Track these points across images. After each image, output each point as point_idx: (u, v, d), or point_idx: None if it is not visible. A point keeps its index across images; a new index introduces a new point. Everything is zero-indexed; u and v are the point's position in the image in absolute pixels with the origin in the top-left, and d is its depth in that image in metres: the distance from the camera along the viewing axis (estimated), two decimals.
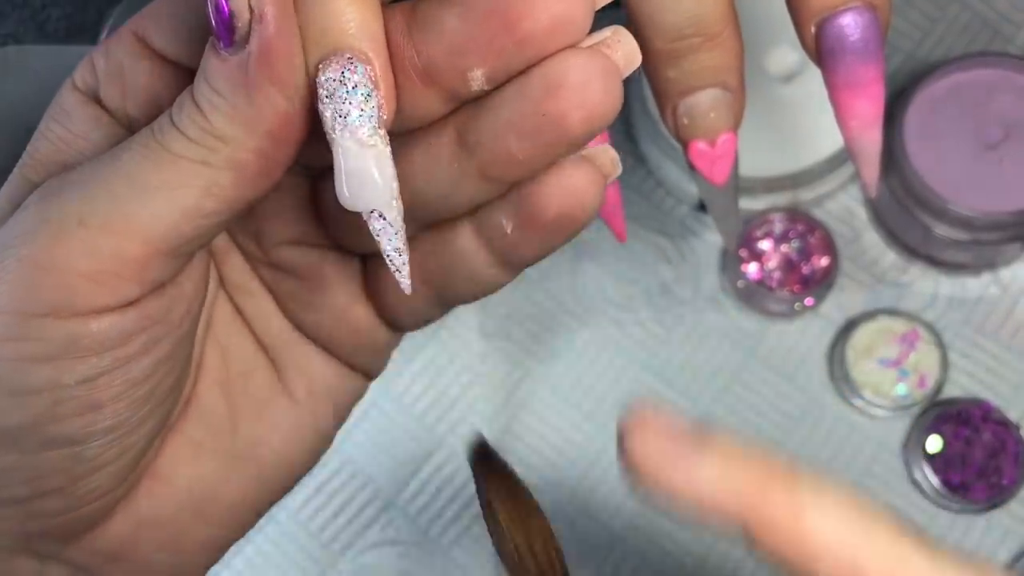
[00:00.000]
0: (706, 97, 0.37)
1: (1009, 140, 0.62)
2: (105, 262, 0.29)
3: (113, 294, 0.29)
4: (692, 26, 0.35)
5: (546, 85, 0.29)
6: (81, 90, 0.33)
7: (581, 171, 0.31)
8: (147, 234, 0.29)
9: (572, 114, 0.29)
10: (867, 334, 0.64)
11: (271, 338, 0.37)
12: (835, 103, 0.37)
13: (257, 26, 0.28)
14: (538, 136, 0.30)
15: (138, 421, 0.32)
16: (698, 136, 0.38)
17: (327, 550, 0.64)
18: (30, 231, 0.29)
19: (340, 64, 0.28)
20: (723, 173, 0.39)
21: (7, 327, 0.29)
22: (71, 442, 0.30)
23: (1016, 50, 0.69)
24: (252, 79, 0.28)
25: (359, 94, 0.29)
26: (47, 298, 0.29)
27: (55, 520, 0.32)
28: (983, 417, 0.62)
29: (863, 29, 0.35)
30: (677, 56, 0.36)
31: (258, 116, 0.29)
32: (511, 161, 0.30)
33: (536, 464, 0.64)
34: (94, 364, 0.30)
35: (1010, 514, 0.62)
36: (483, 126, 0.30)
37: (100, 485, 0.32)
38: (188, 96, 0.29)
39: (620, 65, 0.30)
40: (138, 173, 0.29)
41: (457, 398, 0.65)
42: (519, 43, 0.29)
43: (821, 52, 0.36)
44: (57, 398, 0.30)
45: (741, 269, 0.65)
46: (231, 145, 0.29)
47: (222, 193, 0.29)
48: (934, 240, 0.62)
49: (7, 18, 0.73)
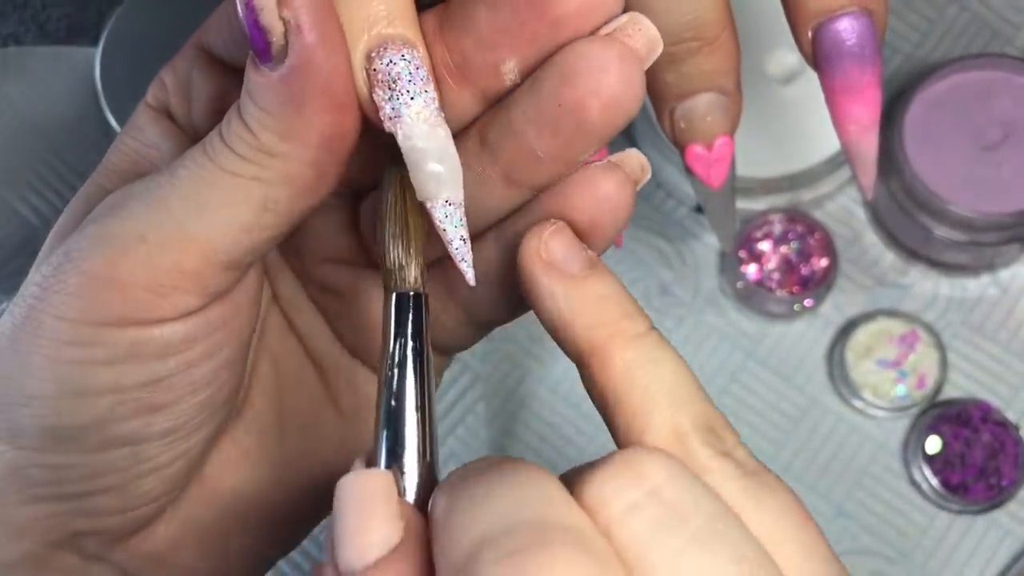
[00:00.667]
0: (703, 101, 0.37)
1: (1008, 141, 0.62)
2: (165, 276, 0.29)
3: (174, 305, 0.30)
4: (690, 30, 0.35)
5: (561, 74, 0.29)
6: (153, 106, 0.34)
7: (610, 177, 0.31)
8: (205, 249, 0.30)
9: (589, 102, 0.29)
10: (866, 335, 0.64)
11: (320, 352, 0.37)
12: (832, 107, 0.37)
13: (295, 38, 0.27)
14: (557, 129, 0.29)
15: (195, 426, 0.33)
16: (695, 140, 0.38)
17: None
18: (94, 246, 0.30)
19: (396, 50, 0.28)
20: (719, 177, 0.39)
21: (70, 334, 0.30)
22: (130, 442, 0.31)
23: (1015, 51, 0.69)
24: (296, 93, 0.28)
25: (420, 76, 0.29)
26: (110, 310, 0.29)
27: (107, 520, 0.32)
28: (982, 418, 0.62)
29: (859, 34, 0.35)
30: (674, 60, 0.36)
31: (310, 129, 0.28)
32: (532, 159, 0.30)
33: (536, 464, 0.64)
34: (156, 368, 0.31)
35: (1009, 515, 0.62)
36: (502, 122, 0.30)
37: (154, 487, 0.33)
38: (235, 113, 0.29)
39: (641, 52, 0.30)
40: (194, 191, 0.29)
41: (457, 399, 0.65)
42: (552, 26, 0.29)
43: (818, 57, 0.36)
44: (119, 400, 0.30)
45: (740, 270, 0.65)
46: (283, 160, 0.29)
47: (278, 207, 0.30)
48: (933, 241, 0.62)
49: (7, 18, 0.73)
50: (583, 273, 0.30)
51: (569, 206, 0.31)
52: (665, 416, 0.28)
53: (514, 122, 0.30)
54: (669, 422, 0.28)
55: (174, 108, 0.34)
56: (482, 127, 0.31)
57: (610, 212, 0.31)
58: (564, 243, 0.30)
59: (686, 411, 0.28)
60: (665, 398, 0.28)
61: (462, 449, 0.65)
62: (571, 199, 0.31)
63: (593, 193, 0.31)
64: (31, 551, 0.32)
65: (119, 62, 0.68)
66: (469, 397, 0.66)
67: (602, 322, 0.29)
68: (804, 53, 0.37)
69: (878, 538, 0.62)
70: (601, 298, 0.29)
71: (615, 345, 0.29)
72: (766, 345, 0.66)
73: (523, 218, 0.32)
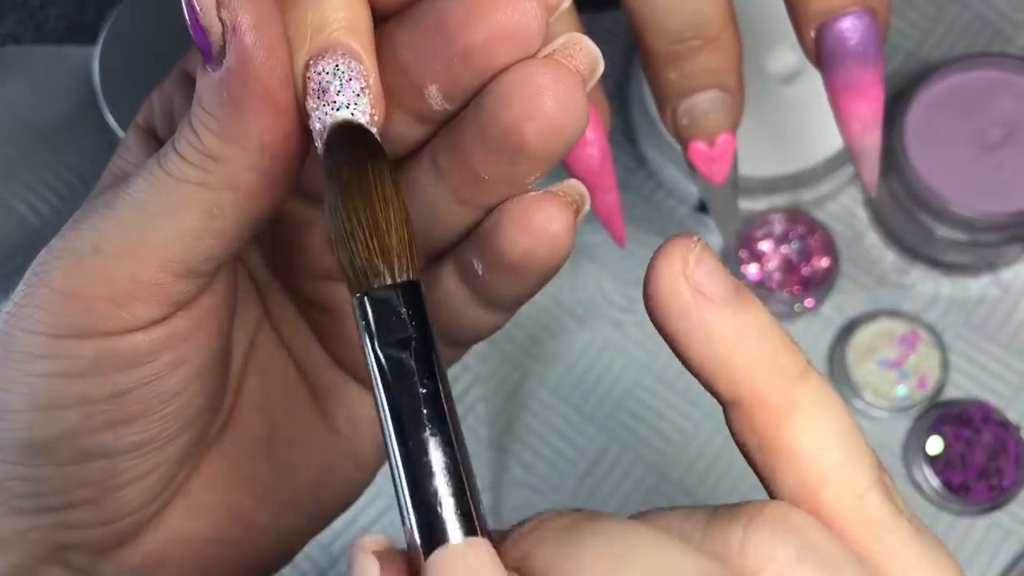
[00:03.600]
0: (705, 98, 0.37)
1: (1009, 141, 0.61)
2: (122, 286, 0.29)
3: (134, 316, 0.30)
4: (692, 28, 0.35)
5: (496, 98, 0.28)
6: (142, 127, 0.34)
7: (545, 208, 0.29)
8: (159, 258, 0.29)
9: (524, 127, 0.28)
10: (867, 335, 0.64)
11: (312, 368, 0.37)
12: (835, 106, 0.37)
13: (232, 38, 0.27)
14: (497, 153, 0.28)
15: (168, 437, 0.32)
16: (697, 137, 0.38)
17: (326, 552, 0.64)
18: (54, 259, 0.30)
19: (333, 58, 0.28)
20: (722, 173, 0.39)
21: (39, 347, 0.30)
22: (102, 454, 0.31)
23: (1016, 51, 0.69)
24: (235, 94, 0.27)
25: (353, 88, 0.28)
26: (72, 322, 0.29)
27: (88, 532, 0.32)
28: (983, 418, 0.62)
29: (862, 33, 0.35)
30: (677, 58, 0.36)
31: (248, 132, 0.28)
32: (478, 181, 0.29)
33: (536, 465, 0.64)
34: (121, 380, 0.30)
35: (1011, 515, 0.62)
36: (448, 145, 0.30)
37: (132, 499, 0.33)
38: (186, 119, 0.29)
39: (581, 74, 0.29)
40: (144, 200, 0.29)
41: (457, 400, 0.65)
42: (462, 56, 0.28)
43: (821, 56, 0.36)
44: (86, 412, 0.30)
45: (741, 270, 0.65)
46: (226, 165, 0.28)
47: (225, 213, 0.29)
48: (934, 241, 0.62)
49: (6, 18, 0.73)
50: (741, 302, 0.27)
51: (503, 236, 0.30)
52: (844, 471, 0.26)
53: (459, 144, 0.29)
54: (849, 477, 0.26)
55: (160, 129, 0.34)
56: (433, 151, 0.30)
57: (546, 244, 0.30)
58: (711, 267, 0.27)
59: (863, 463, 0.26)
60: (839, 450, 0.26)
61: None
62: (503, 230, 0.30)
63: (525, 225, 0.29)
64: (17, 565, 0.32)
65: (118, 61, 0.68)
66: (469, 397, 0.65)
67: (765, 359, 0.27)
68: (807, 52, 0.37)
69: None
70: (760, 330, 0.27)
71: (781, 387, 0.27)
72: None
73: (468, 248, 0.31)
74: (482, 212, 0.30)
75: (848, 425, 0.27)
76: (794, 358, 0.27)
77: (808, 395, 0.26)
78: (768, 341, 0.27)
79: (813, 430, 0.26)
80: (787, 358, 0.27)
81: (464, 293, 0.32)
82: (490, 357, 0.65)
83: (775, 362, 0.27)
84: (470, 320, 0.33)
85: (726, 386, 0.27)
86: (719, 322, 0.26)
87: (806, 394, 0.26)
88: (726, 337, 0.26)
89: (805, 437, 0.26)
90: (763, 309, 0.27)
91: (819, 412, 0.26)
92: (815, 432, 0.26)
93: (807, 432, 0.26)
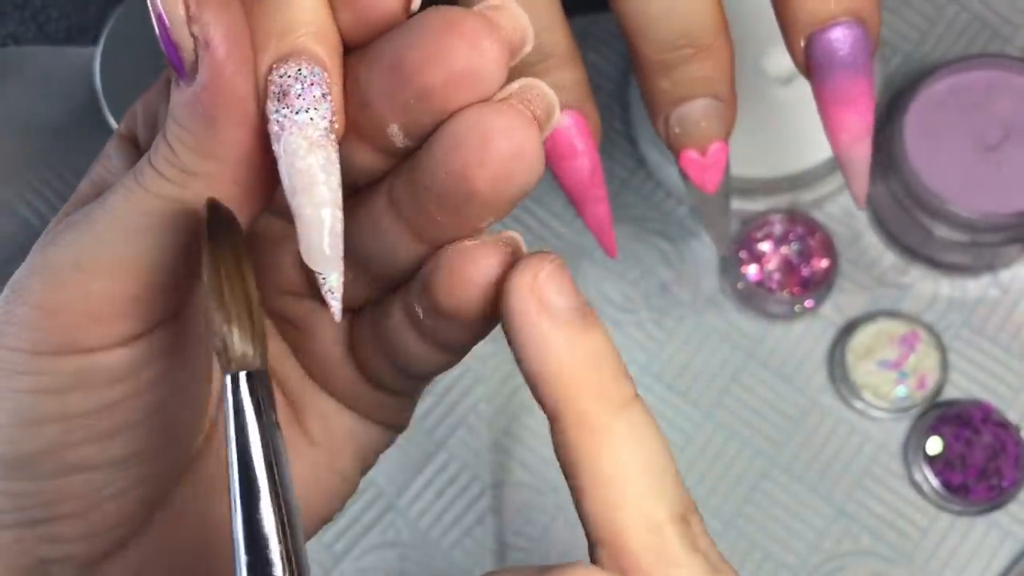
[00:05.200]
0: (697, 107, 0.37)
1: (1008, 141, 0.61)
2: (103, 303, 0.29)
3: (116, 331, 0.30)
4: (684, 37, 0.35)
5: (447, 142, 0.28)
6: (124, 135, 0.34)
7: (479, 260, 0.29)
8: (138, 274, 0.29)
9: (475, 174, 0.27)
10: (867, 336, 0.64)
11: (288, 380, 0.37)
12: (824, 117, 0.37)
13: (204, 53, 0.27)
14: (448, 198, 0.28)
15: (153, 452, 0.32)
16: (689, 145, 0.38)
17: (329, 552, 0.64)
18: (33, 276, 0.30)
19: (296, 63, 0.28)
20: (714, 181, 0.39)
21: (18, 364, 0.30)
22: (85, 468, 0.31)
23: (1015, 51, 0.69)
24: (209, 109, 0.27)
25: (314, 93, 0.28)
26: (53, 339, 0.29)
27: (72, 546, 0.32)
28: (983, 419, 0.62)
29: (852, 44, 0.35)
30: (669, 67, 0.36)
31: (225, 146, 0.28)
32: (433, 223, 0.29)
33: (536, 466, 0.64)
34: (105, 395, 0.30)
35: (1010, 516, 0.62)
36: (404, 181, 0.29)
37: (117, 513, 0.32)
38: (161, 134, 0.29)
39: (538, 119, 0.28)
40: (123, 215, 0.29)
41: (458, 400, 0.65)
42: (420, 96, 0.27)
43: (810, 66, 0.36)
44: (68, 427, 0.30)
45: (741, 271, 0.65)
46: (203, 179, 0.28)
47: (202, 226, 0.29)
48: (934, 242, 0.62)
49: (7, 18, 0.73)
50: (582, 323, 0.28)
51: (437, 288, 0.30)
52: (643, 503, 0.27)
53: (414, 183, 0.29)
54: (646, 509, 0.27)
55: (141, 139, 0.33)
56: (390, 182, 0.30)
57: (480, 296, 0.29)
58: (560, 285, 0.28)
59: (663, 498, 0.27)
60: (643, 481, 0.27)
61: (464, 449, 0.65)
62: (437, 282, 0.30)
63: (461, 276, 0.29)
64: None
65: (119, 62, 0.68)
66: (471, 398, 0.66)
67: (591, 381, 0.28)
68: (797, 62, 0.37)
69: (879, 539, 0.62)
70: (595, 355, 0.28)
71: (600, 410, 0.28)
72: (766, 346, 0.65)
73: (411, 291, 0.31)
74: (434, 248, 0.30)
75: (659, 460, 0.28)
76: (621, 386, 0.28)
77: (625, 424, 0.28)
78: (599, 366, 0.28)
79: (621, 457, 0.27)
80: (613, 385, 0.28)
81: (411, 333, 0.32)
82: (492, 358, 0.65)
83: (600, 387, 0.28)
84: (419, 359, 0.33)
85: (551, 400, 0.28)
86: (555, 339, 0.28)
87: (623, 423, 0.28)
88: (559, 354, 0.28)
89: (611, 462, 0.27)
90: (604, 335, 0.28)
91: (632, 442, 0.28)
92: (622, 460, 0.27)
93: (614, 458, 0.27)
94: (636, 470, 0.27)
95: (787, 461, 0.63)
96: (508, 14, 0.28)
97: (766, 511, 0.63)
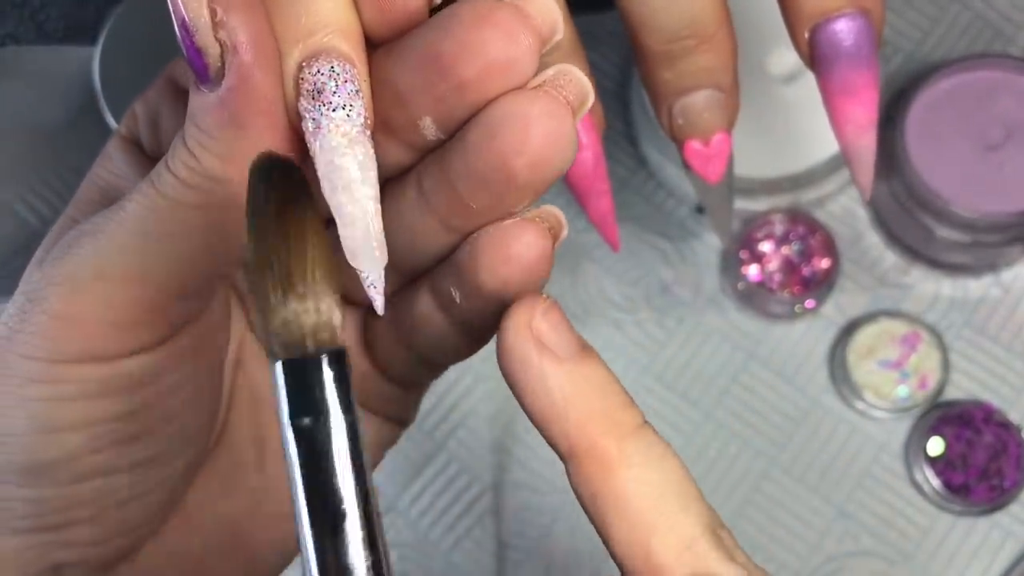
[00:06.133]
0: (700, 97, 0.37)
1: (1010, 141, 0.61)
2: (124, 311, 0.29)
3: (137, 339, 0.30)
4: (686, 28, 0.35)
5: (485, 131, 0.28)
6: (124, 136, 0.34)
7: (523, 237, 0.29)
8: (160, 281, 0.29)
9: (513, 160, 0.28)
10: (868, 336, 0.64)
11: None
12: (830, 109, 0.37)
13: (232, 58, 0.27)
14: (485, 185, 0.28)
15: (171, 455, 0.32)
16: (693, 136, 0.38)
17: None
18: (52, 286, 0.29)
19: (328, 60, 0.28)
20: (717, 172, 0.39)
21: (38, 372, 0.29)
22: (104, 473, 0.31)
23: (1017, 51, 0.69)
24: (237, 114, 0.27)
25: (348, 89, 0.28)
26: (74, 348, 0.29)
27: (87, 550, 0.32)
28: (984, 419, 0.62)
29: (856, 35, 0.35)
30: (672, 58, 0.36)
31: (252, 151, 0.27)
32: (466, 211, 0.29)
33: (537, 466, 0.64)
34: (126, 401, 0.30)
35: (1011, 516, 0.62)
36: (435, 174, 0.30)
37: (133, 517, 0.32)
38: (180, 139, 0.29)
39: (571, 105, 0.29)
40: (142, 223, 0.29)
41: (458, 400, 0.65)
42: (457, 89, 0.28)
43: (815, 58, 0.36)
44: (92, 434, 0.30)
45: (742, 271, 0.64)
46: (227, 184, 0.28)
47: (226, 233, 0.29)
48: (935, 242, 0.62)
49: (6, 18, 0.73)
50: (582, 358, 0.28)
51: (480, 267, 0.30)
52: (673, 523, 0.27)
53: (447, 174, 0.29)
54: (678, 527, 0.27)
55: (144, 139, 0.33)
56: (419, 176, 0.30)
57: (525, 273, 0.30)
58: (556, 322, 0.28)
59: (692, 514, 0.27)
60: (669, 503, 0.27)
61: (463, 450, 0.65)
62: (480, 260, 0.30)
63: (506, 254, 0.29)
64: None
65: (118, 62, 0.68)
66: (471, 398, 0.65)
67: (599, 413, 0.28)
68: (802, 54, 0.37)
69: (880, 539, 0.62)
70: (598, 386, 0.28)
71: (613, 440, 0.27)
72: (767, 346, 0.65)
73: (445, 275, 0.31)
74: (464, 237, 0.30)
75: (679, 479, 0.28)
76: (629, 413, 0.28)
77: (640, 449, 0.27)
78: (605, 396, 0.28)
79: (642, 483, 0.27)
80: (622, 413, 0.28)
81: (440, 319, 0.32)
82: (491, 358, 0.65)
83: (609, 417, 0.28)
84: (445, 346, 0.33)
85: (562, 438, 0.28)
86: (558, 375, 0.28)
87: (638, 448, 0.27)
88: (564, 390, 0.28)
89: (634, 490, 0.27)
90: (603, 366, 0.28)
91: (649, 466, 0.27)
92: (644, 485, 0.27)
93: (636, 485, 0.27)
94: (661, 493, 0.27)
95: (788, 461, 0.63)
96: (538, 4, 0.28)
97: (767, 511, 0.63)
